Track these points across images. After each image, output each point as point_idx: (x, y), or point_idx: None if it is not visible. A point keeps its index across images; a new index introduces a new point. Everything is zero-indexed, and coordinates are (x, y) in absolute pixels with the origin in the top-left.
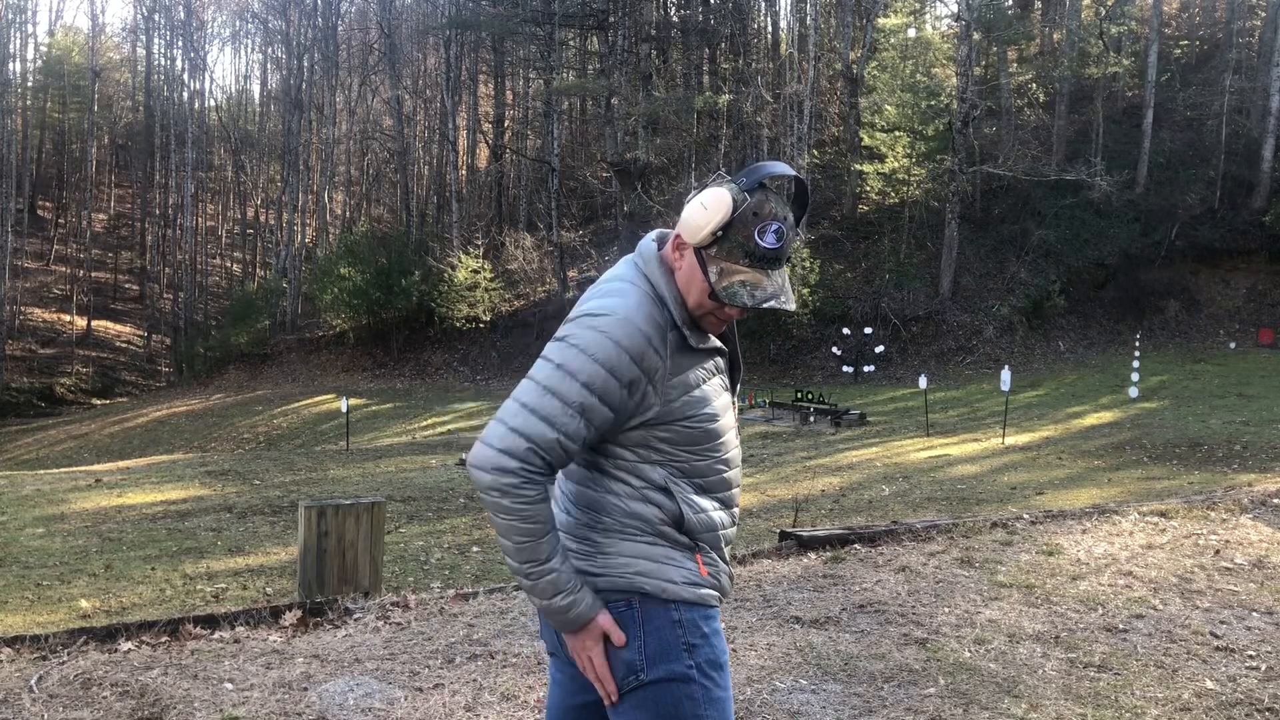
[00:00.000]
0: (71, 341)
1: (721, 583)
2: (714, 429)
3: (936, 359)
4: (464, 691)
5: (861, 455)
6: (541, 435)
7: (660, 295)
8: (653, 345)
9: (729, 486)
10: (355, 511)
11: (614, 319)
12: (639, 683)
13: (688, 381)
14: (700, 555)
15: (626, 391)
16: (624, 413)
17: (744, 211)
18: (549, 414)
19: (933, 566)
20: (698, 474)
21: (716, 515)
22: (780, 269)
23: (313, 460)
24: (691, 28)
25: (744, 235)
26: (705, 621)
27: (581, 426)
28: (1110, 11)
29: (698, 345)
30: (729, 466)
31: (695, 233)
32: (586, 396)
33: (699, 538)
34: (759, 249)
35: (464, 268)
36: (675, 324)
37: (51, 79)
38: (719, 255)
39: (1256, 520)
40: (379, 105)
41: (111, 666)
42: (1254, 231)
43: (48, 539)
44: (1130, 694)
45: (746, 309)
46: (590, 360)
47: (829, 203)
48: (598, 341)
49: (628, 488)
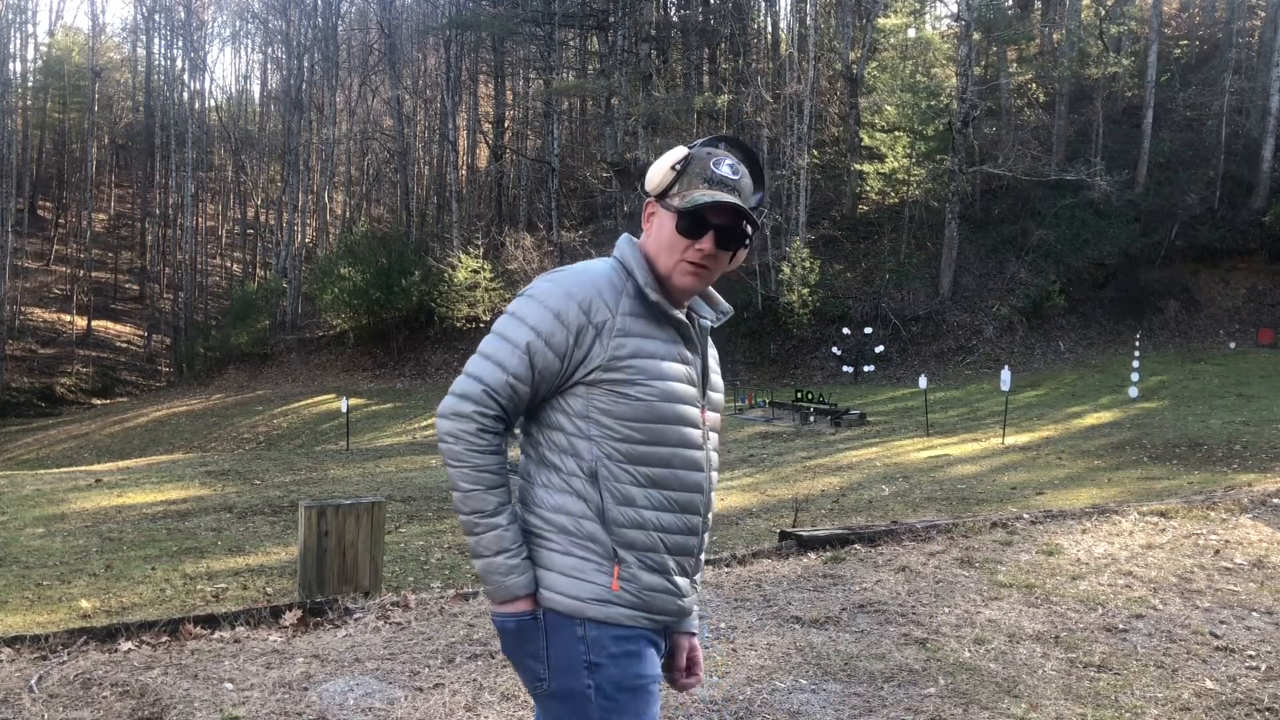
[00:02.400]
0: (71, 341)
1: (647, 600)
2: (663, 409)
3: (936, 359)
4: (464, 691)
5: (861, 455)
6: (493, 377)
7: (626, 265)
8: (603, 297)
9: (684, 487)
10: (355, 511)
11: (568, 273)
12: (545, 690)
13: (642, 348)
14: (619, 566)
15: (574, 339)
16: (569, 360)
17: (698, 151)
18: (500, 358)
19: (933, 566)
20: (640, 461)
21: (655, 516)
22: (738, 198)
23: (313, 460)
24: (691, 28)
25: (700, 166)
26: (616, 642)
27: (527, 369)
28: (1110, 11)
29: (658, 301)
30: (684, 464)
31: (655, 177)
32: (534, 338)
33: (622, 537)
34: (715, 174)
35: (464, 268)
36: (637, 289)
37: (52, 79)
38: (679, 190)
39: (1256, 520)
40: (379, 105)
41: (111, 666)
42: (1254, 231)
43: (48, 539)
44: (1130, 694)
45: (701, 205)
46: (540, 305)
47: (829, 203)
48: (549, 290)
49: (557, 475)
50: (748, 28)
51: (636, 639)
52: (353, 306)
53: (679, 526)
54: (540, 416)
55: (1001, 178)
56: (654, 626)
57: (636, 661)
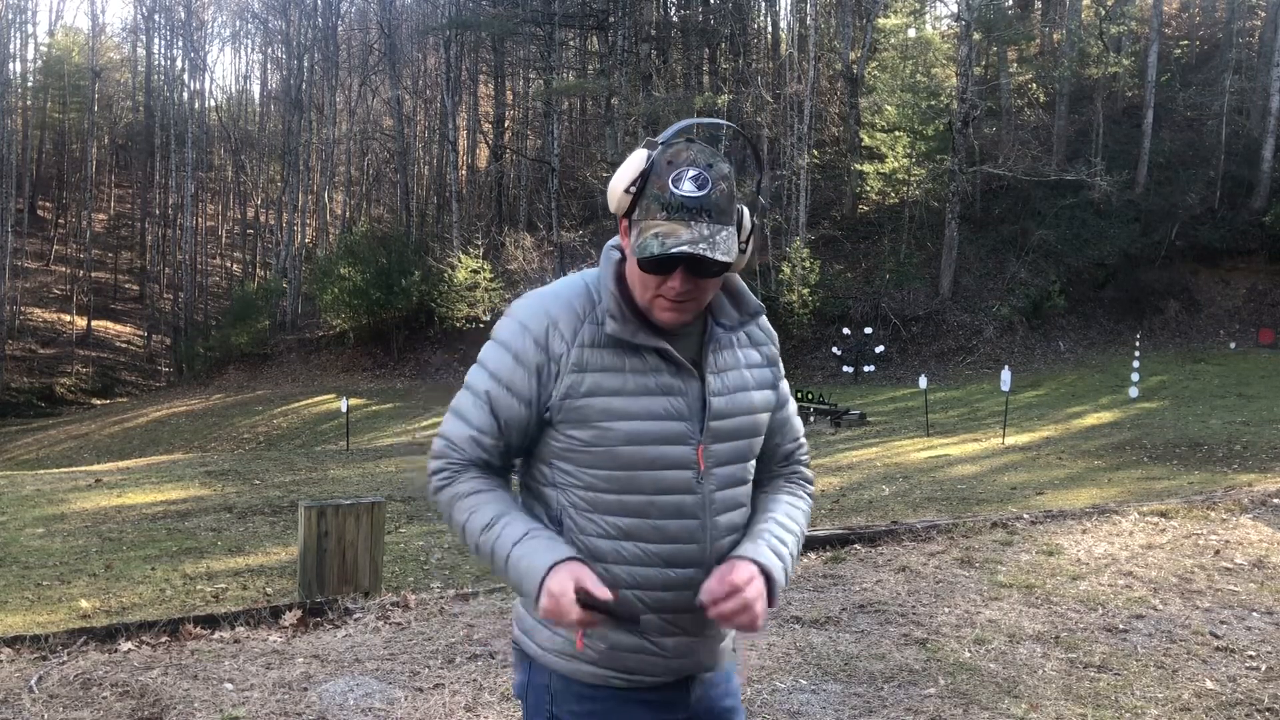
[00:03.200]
0: (71, 341)
1: (620, 660)
2: (627, 455)
3: (936, 359)
4: (464, 691)
5: (861, 455)
6: (458, 432)
7: (594, 286)
8: (559, 328)
9: (664, 538)
10: (355, 511)
11: (532, 298)
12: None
13: (600, 384)
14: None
15: (536, 380)
16: (537, 403)
17: (657, 161)
18: (464, 411)
19: (933, 566)
20: (608, 510)
21: (628, 571)
22: (707, 220)
23: (313, 460)
24: (691, 28)
25: (658, 187)
26: (579, 700)
27: (490, 419)
28: (1110, 11)
29: (623, 336)
30: (664, 513)
31: (613, 198)
32: (493, 386)
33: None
34: (673, 197)
35: (464, 268)
36: (601, 316)
37: (51, 79)
38: (639, 217)
39: (1256, 520)
40: (379, 105)
41: (111, 666)
42: (1254, 231)
43: (48, 539)
44: (1130, 694)
45: (653, 258)
46: (499, 348)
47: (829, 203)
48: (506, 326)
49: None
50: (748, 28)
51: (608, 699)
52: (353, 306)
53: (660, 582)
54: (526, 460)
55: (1001, 178)
56: (635, 686)
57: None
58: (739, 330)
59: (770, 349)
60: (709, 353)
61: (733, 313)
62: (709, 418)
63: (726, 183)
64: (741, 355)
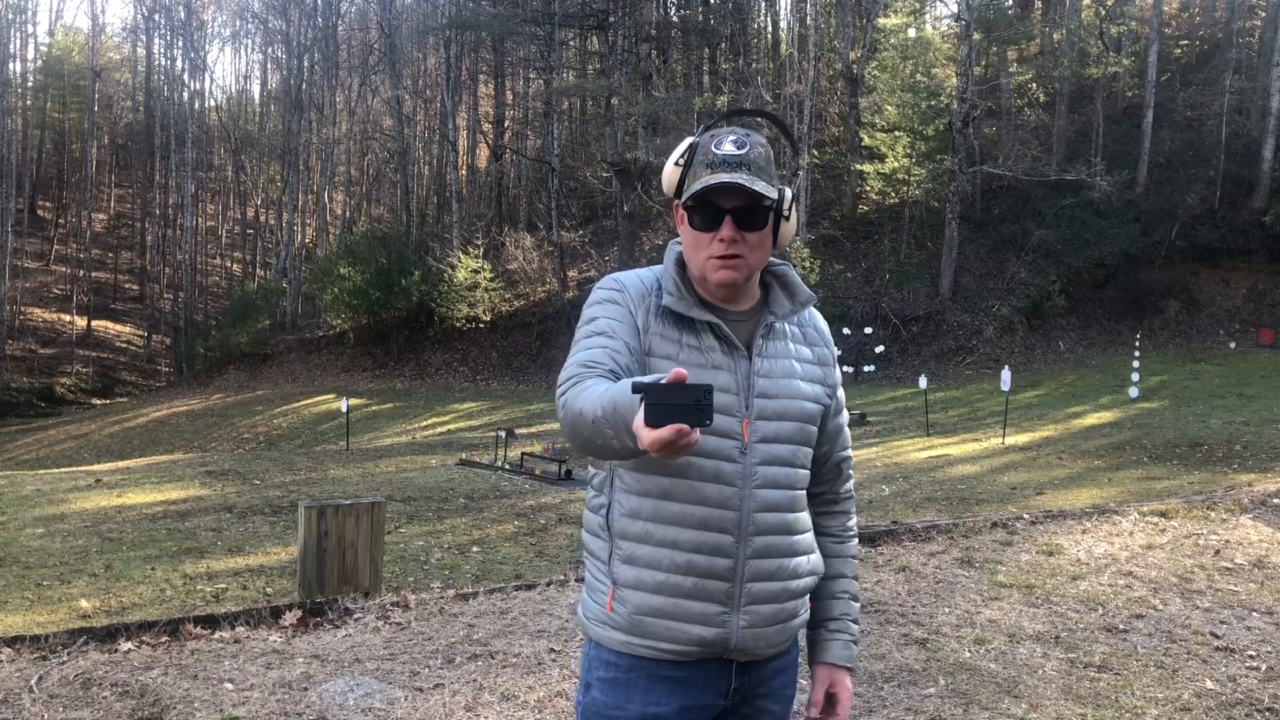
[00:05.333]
0: (71, 341)
1: (644, 626)
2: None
3: (936, 359)
4: (464, 691)
5: (861, 455)
6: (585, 358)
7: (658, 273)
8: (628, 295)
9: (702, 500)
10: (355, 511)
11: (603, 280)
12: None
13: (657, 348)
14: (614, 588)
15: (633, 327)
16: (636, 348)
17: (702, 138)
18: (587, 349)
19: (933, 566)
20: (652, 469)
21: (663, 530)
22: (746, 172)
23: (313, 460)
24: (691, 28)
25: (703, 152)
26: (605, 666)
27: (616, 340)
28: (1110, 11)
29: (678, 309)
30: (702, 476)
31: (666, 178)
32: (609, 323)
33: (624, 551)
34: (715, 156)
35: (464, 268)
36: (661, 294)
37: (51, 79)
38: (688, 184)
39: (1256, 520)
40: (379, 105)
41: (111, 666)
42: (1254, 231)
43: (48, 539)
44: (1130, 694)
45: (699, 191)
46: (597, 305)
47: (829, 203)
48: (597, 294)
49: (592, 489)
50: (748, 28)
51: (630, 668)
52: (352, 306)
53: (696, 544)
54: None
55: (1001, 178)
56: (662, 657)
57: (619, 692)
58: (791, 318)
59: (824, 351)
60: (759, 338)
61: (785, 303)
62: (754, 394)
63: (764, 149)
64: (793, 348)
